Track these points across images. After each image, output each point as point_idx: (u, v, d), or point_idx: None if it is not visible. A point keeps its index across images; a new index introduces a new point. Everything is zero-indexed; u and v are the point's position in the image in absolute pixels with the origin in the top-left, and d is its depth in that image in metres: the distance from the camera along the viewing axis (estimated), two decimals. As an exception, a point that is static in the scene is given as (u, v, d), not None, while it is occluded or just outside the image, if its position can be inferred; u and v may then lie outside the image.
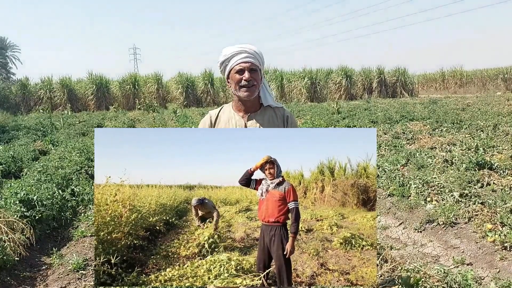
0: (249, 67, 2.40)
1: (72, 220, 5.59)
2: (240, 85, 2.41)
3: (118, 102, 31.61)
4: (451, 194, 5.28)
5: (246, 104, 2.52)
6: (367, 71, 35.81)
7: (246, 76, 2.38)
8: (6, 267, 3.82)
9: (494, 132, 10.02)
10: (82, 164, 8.24)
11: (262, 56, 2.49)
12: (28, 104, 31.64)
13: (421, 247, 4.35)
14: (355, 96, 34.36)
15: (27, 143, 11.52)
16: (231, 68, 2.44)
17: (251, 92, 2.42)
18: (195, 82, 33.75)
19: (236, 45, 2.46)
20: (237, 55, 2.41)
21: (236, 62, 2.41)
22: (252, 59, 2.41)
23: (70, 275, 3.96)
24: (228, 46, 2.48)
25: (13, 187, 5.45)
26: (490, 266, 3.71)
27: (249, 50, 2.42)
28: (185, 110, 24.06)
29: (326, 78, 34.84)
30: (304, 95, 33.34)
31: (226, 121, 2.57)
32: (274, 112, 2.57)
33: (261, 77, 2.49)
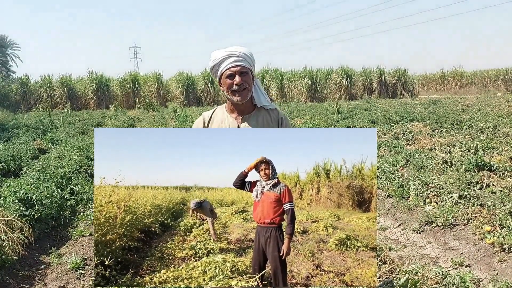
0: (239, 70, 2.38)
1: (71, 219, 5.59)
2: (232, 90, 2.40)
3: (118, 101, 31.60)
4: (450, 195, 5.27)
5: (239, 106, 2.51)
6: (367, 71, 35.80)
7: (237, 80, 2.37)
8: (4, 266, 3.83)
9: (494, 133, 10.02)
10: (82, 163, 8.23)
11: (252, 57, 2.46)
12: (28, 103, 31.64)
13: (420, 248, 4.35)
14: (355, 96, 34.34)
15: (26, 142, 11.52)
16: (221, 73, 2.43)
17: (243, 96, 2.41)
18: (195, 81, 33.78)
19: (225, 48, 2.44)
20: (226, 59, 2.40)
21: (226, 67, 2.39)
22: (242, 62, 2.39)
23: (69, 274, 3.96)
24: (216, 50, 2.46)
25: (12, 186, 5.44)
26: (488, 268, 3.71)
27: (238, 54, 2.40)
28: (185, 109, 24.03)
29: (326, 78, 34.84)
30: (304, 95, 33.35)
31: (219, 123, 2.56)
32: (268, 114, 2.56)
33: (253, 78, 2.47)
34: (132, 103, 31.49)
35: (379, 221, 5.32)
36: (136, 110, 26.90)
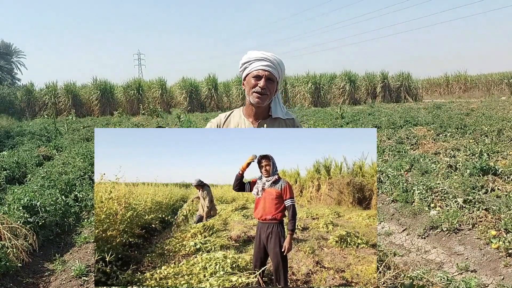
0: (267, 75, 2.39)
1: (75, 226, 5.60)
2: (254, 91, 2.40)
3: (123, 107, 31.69)
4: (455, 200, 5.25)
5: (257, 110, 2.51)
6: (370, 76, 35.76)
7: (262, 84, 2.38)
8: (9, 273, 3.84)
9: (498, 137, 9.96)
10: (86, 169, 8.26)
11: (283, 68, 2.48)
12: (33, 110, 31.82)
13: (425, 253, 4.33)
14: (359, 101, 34.32)
15: (31, 149, 11.57)
16: (249, 72, 2.44)
17: (262, 99, 2.41)
18: (199, 87, 33.85)
19: (262, 51, 2.46)
20: (259, 60, 2.41)
21: (256, 67, 2.41)
22: (272, 69, 2.40)
23: (73, 281, 3.96)
24: (254, 50, 2.48)
25: (17, 193, 5.46)
26: (494, 273, 3.68)
27: (272, 60, 2.42)
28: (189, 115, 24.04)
29: (329, 82, 34.83)
30: (307, 99, 33.37)
31: (235, 125, 2.58)
32: (285, 123, 2.56)
33: (276, 90, 2.49)
34: (136, 109, 31.60)
35: (383, 226, 5.29)
36: (140, 116, 26.99)
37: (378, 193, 6.48)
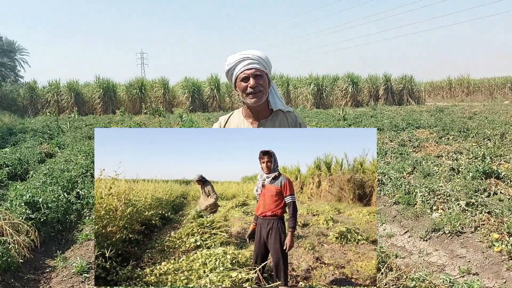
0: (253, 73, 2.34)
1: (77, 223, 5.61)
2: (247, 93, 2.35)
3: (125, 106, 31.76)
4: (457, 203, 5.23)
5: (255, 111, 2.46)
6: (373, 78, 35.74)
7: (251, 83, 2.33)
8: (10, 269, 3.84)
9: (501, 141, 9.94)
10: (88, 167, 8.27)
11: (268, 60, 2.42)
12: (35, 107, 31.91)
13: (427, 256, 4.31)
14: (361, 103, 34.29)
15: (33, 146, 11.60)
16: (236, 77, 2.39)
17: (258, 98, 2.36)
18: (201, 87, 33.87)
19: (239, 52, 2.41)
20: (240, 62, 2.37)
21: (240, 70, 2.36)
22: (256, 65, 2.35)
23: (74, 278, 3.97)
24: (232, 54, 2.43)
25: (19, 189, 5.47)
26: (496, 276, 3.66)
27: (252, 56, 2.37)
28: (191, 115, 24.09)
29: (332, 84, 34.81)
30: (310, 101, 33.34)
31: (235, 127, 2.55)
32: (285, 117, 2.49)
33: (269, 82, 2.43)
34: (138, 108, 31.66)
35: (385, 228, 5.28)
36: (143, 115, 27.02)
37: (380, 195, 6.46)
